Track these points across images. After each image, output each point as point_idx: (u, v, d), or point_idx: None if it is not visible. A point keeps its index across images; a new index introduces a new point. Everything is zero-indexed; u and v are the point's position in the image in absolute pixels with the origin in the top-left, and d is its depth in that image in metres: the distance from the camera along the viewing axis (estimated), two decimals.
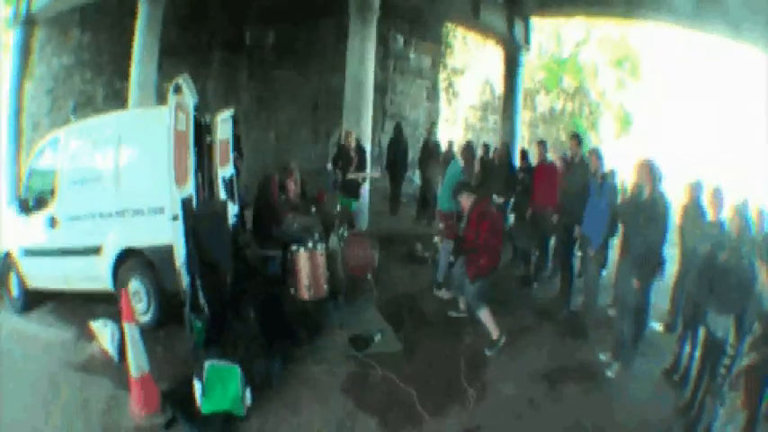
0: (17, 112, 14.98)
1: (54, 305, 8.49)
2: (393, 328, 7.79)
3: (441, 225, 9.55)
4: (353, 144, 11.01)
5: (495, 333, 7.50)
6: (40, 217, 8.07)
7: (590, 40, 24.74)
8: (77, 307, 8.28)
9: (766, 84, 12.63)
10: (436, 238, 9.50)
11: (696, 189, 7.77)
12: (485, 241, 7.34)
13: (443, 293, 9.17)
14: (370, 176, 11.53)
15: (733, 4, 11.38)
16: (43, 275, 8.29)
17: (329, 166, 11.19)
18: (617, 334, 7.17)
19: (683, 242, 7.84)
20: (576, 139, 9.46)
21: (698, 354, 6.34)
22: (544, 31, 23.05)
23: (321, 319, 7.83)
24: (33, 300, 8.54)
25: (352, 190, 10.86)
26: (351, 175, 10.69)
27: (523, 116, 20.34)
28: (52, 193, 8.01)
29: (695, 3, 12.47)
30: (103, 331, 6.96)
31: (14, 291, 8.64)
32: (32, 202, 8.29)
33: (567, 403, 6.37)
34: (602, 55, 24.98)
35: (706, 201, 7.44)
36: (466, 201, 7.71)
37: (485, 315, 7.52)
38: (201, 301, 6.89)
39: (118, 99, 14.22)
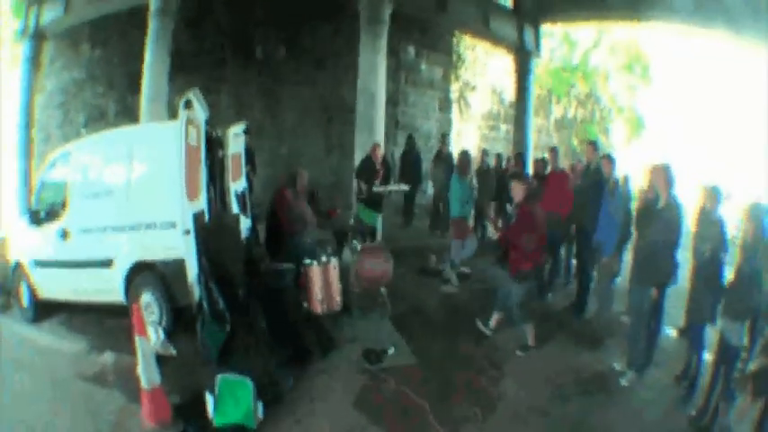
0: (27, 124, 15.10)
1: (65, 316, 8.52)
2: (407, 342, 7.77)
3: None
4: (380, 158, 10.91)
5: (531, 341, 7.67)
6: (51, 229, 8.14)
7: (600, 44, 24.68)
8: (89, 319, 8.33)
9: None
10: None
11: (707, 193, 7.72)
12: (528, 240, 7.37)
13: (449, 288, 9.28)
14: (398, 190, 11.46)
15: (733, 3, 11.36)
16: (54, 287, 8.34)
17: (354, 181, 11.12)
18: (630, 342, 7.10)
19: (697, 248, 7.76)
20: (593, 145, 9.46)
21: (710, 359, 6.29)
22: (554, 37, 23.00)
23: (334, 332, 7.82)
24: (44, 310, 8.59)
25: (376, 203, 10.75)
26: (376, 189, 10.56)
27: (535, 123, 20.25)
28: (64, 205, 8.08)
29: (696, 2, 12.46)
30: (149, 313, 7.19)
31: (25, 301, 8.68)
32: (44, 213, 8.39)
33: (582, 413, 6.31)
34: (612, 60, 24.92)
35: (705, 199, 7.43)
36: (517, 191, 7.66)
37: (529, 329, 7.70)
38: (222, 308, 6.88)
39: (129, 114, 14.26)
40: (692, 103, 24.88)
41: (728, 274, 6.12)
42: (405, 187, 11.80)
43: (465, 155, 10.29)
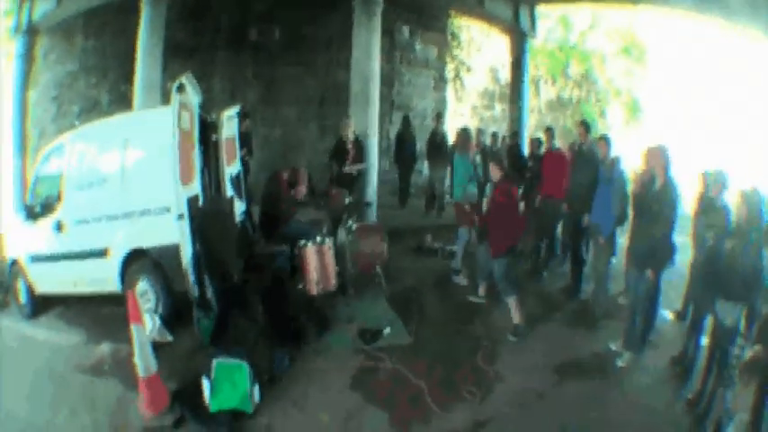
0: (22, 120, 15.00)
1: (62, 309, 8.55)
2: (403, 321, 7.78)
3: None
4: (351, 136, 10.80)
5: (516, 318, 7.61)
6: (46, 222, 8.15)
7: (597, 26, 24.57)
8: (85, 310, 8.35)
9: None
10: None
11: (707, 178, 7.71)
12: (503, 218, 7.49)
13: (461, 279, 9.26)
14: (359, 169, 11.29)
15: None
16: (51, 280, 8.36)
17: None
18: (627, 323, 7.10)
19: (696, 232, 7.76)
20: (584, 126, 9.41)
21: (706, 343, 6.30)
22: (550, 17, 22.88)
23: (330, 313, 7.84)
24: (41, 305, 8.61)
25: (345, 183, 10.59)
26: (346, 169, 10.57)
27: (531, 103, 20.21)
28: (58, 197, 8.08)
29: None
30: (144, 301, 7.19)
31: (23, 297, 8.71)
32: (39, 208, 8.39)
33: (577, 394, 6.32)
34: (609, 42, 24.82)
35: (711, 185, 7.41)
36: (494, 172, 7.81)
37: (512, 301, 7.63)
38: (210, 297, 6.88)
39: (123, 102, 14.13)
40: (689, 86, 24.83)
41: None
42: (363, 166, 11.68)
43: (465, 132, 10.21)
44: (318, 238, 8.03)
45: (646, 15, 21.03)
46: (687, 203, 7.66)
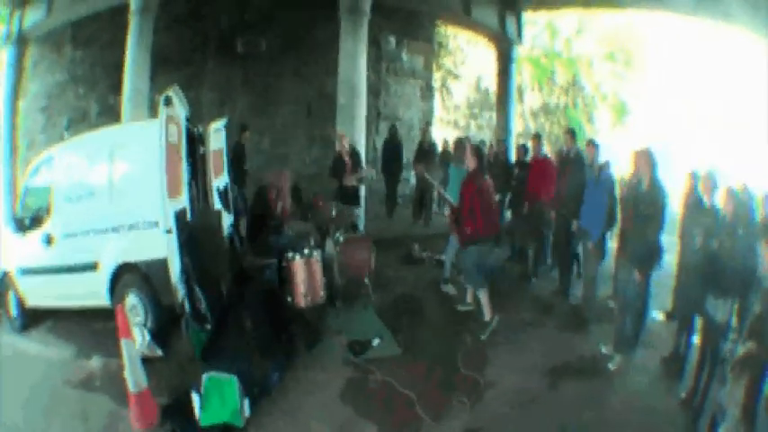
0: (11, 131, 14.94)
1: (53, 323, 8.48)
2: (392, 332, 7.76)
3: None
4: (347, 147, 10.69)
5: (488, 314, 7.69)
6: (36, 235, 8.10)
7: (583, 31, 24.68)
8: (76, 324, 8.29)
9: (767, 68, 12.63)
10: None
11: (695, 178, 7.74)
12: (471, 206, 7.52)
13: (450, 288, 9.26)
14: (365, 177, 11.29)
15: None
16: (41, 294, 8.30)
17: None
18: (617, 326, 7.15)
19: (684, 232, 7.79)
20: (571, 133, 9.50)
21: (697, 341, 6.34)
22: (537, 24, 22.96)
23: (319, 325, 7.82)
24: (32, 319, 8.55)
25: (350, 198, 10.55)
26: (347, 181, 10.49)
27: (518, 110, 20.26)
28: (48, 210, 8.05)
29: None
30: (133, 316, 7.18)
31: (13, 311, 8.64)
32: (28, 220, 8.36)
33: (570, 398, 6.32)
34: (595, 47, 24.92)
35: (701, 187, 7.45)
36: (470, 162, 7.83)
37: (482, 294, 7.72)
38: (204, 310, 6.85)
39: (112, 114, 14.14)
40: (676, 88, 24.95)
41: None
42: (372, 171, 11.67)
43: (461, 142, 10.24)
44: (306, 251, 8.03)
45: (632, 18, 21.17)
46: (675, 204, 7.69)
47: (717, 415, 5.23)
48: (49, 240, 7.95)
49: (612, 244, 8.54)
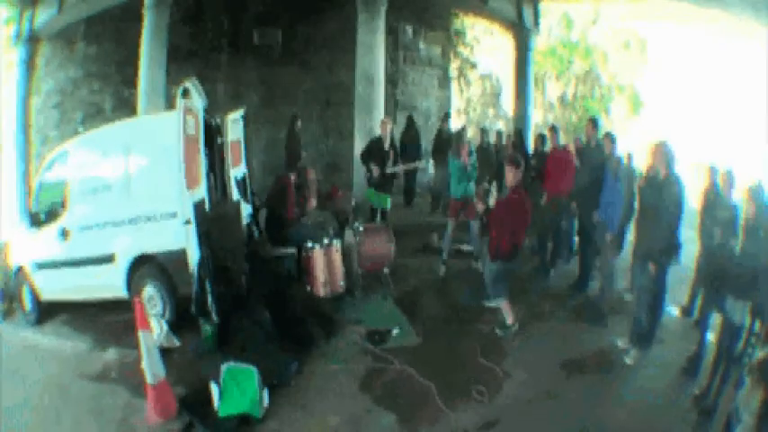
0: (25, 128, 15.00)
1: (67, 316, 8.55)
2: (410, 322, 7.77)
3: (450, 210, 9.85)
4: (389, 133, 10.38)
5: (510, 319, 7.57)
6: (51, 229, 8.17)
7: (599, 22, 24.52)
8: (91, 317, 8.35)
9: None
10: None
11: (714, 173, 7.72)
12: (513, 228, 7.36)
13: (442, 270, 9.40)
14: (414, 168, 11.34)
15: None
16: (57, 287, 8.36)
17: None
18: (634, 319, 7.08)
19: (703, 226, 7.76)
20: (592, 123, 9.41)
21: (713, 339, 6.29)
22: (552, 14, 22.81)
23: (337, 315, 7.85)
24: (47, 312, 8.62)
25: (386, 186, 10.41)
26: (390, 170, 10.30)
27: (536, 101, 20.14)
28: (63, 204, 8.10)
29: None
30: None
31: (28, 305, 8.72)
32: (43, 215, 8.42)
33: (585, 391, 6.30)
34: (611, 37, 24.76)
35: (720, 184, 7.41)
36: (510, 176, 7.51)
37: (503, 304, 7.60)
38: (210, 304, 6.88)
39: (126, 107, 14.23)
40: (690, 81, 24.74)
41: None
42: (418, 164, 11.70)
43: (458, 135, 10.24)
44: (325, 240, 8.06)
45: (646, 8, 20.99)
46: (694, 198, 7.65)
47: (732, 418, 5.23)
48: (64, 234, 8.00)
49: (631, 237, 8.49)
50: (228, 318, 7.06)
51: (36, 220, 8.48)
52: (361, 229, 8.85)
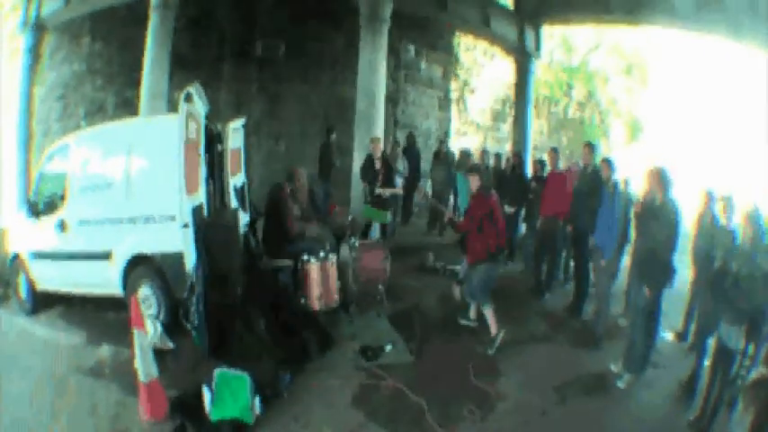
0: (27, 117, 15.01)
1: (63, 309, 8.59)
2: (404, 339, 7.74)
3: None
4: (379, 154, 10.58)
5: (493, 329, 7.63)
6: (49, 221, 8.21)
7: (600, 47, 24.71)
8: (87, 311, 8.41)
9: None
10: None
11: (710, 197, 7.74)
12: (479, 225, 7.52)
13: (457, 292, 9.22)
14: (392, 194, 11.16)
15: (733, 4, 11.42)
16: (53, 278, 8.42)
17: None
18: (628, 343, 7.10)
19: (697, 251, 7.78)
20: (589, 147, 9.45)
21: (708, 363, 6.28)
22: (553, 38, 22.97)
23: (332, 329, 7.82)
24: (42, 302, 8.66)
25: (382, 202, 10.48)
26: (378, 191, 10.36)
27: (534, 124, 20.24)
28: (62, 197, 8.15)
29: (696, 4, 12.51)
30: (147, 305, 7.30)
31: (23, 293, 8.78)
32: (42, 205, 8.49)
33: (578, 414, 6.31)
34: (612, 62, 24.94)
35: (718, 209, 7.43)
36: (473, 182, 7.81)
37: (488, 311, 7.67)
38: (193, 309, 6.84)
39: (128, 107, 14.24)
40: (690, 105, 24.93)
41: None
42: (398, 191, 11.71)
43: (465, 153, 10.33)
44: (322, 254, 8.05)
45: (647, 34, 21.17)
46: (688, 222, 7.67)
47: None
48: (62, 226, 8.04)
49: (626, 262, 8.50)
50: (223, 324, 7.05)
51: (35, 210, 8.54)
52: (357, 244, 8.85)
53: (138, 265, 7.59)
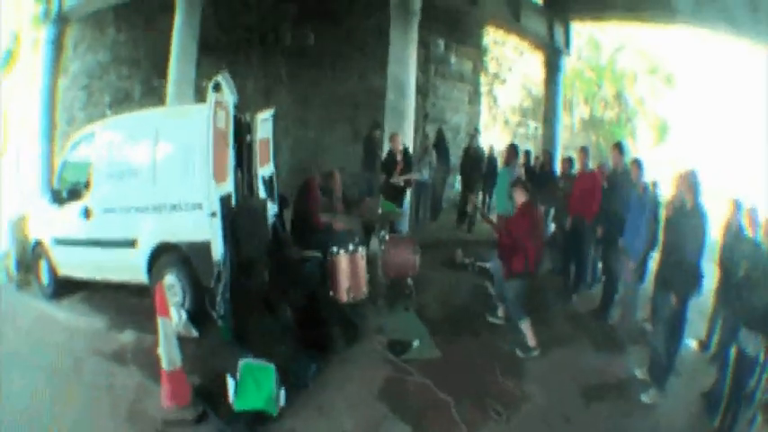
0: (50, 106, 15.01)
1: (85, 294, 8.67)
2: (432, 335, 7.72)
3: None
4: (400, 147, 10.78)
5: (532, 342, 7.52)
6: (73, 208, 8.25)
7: (627, 47, 24.50)
8: (110, 298, 8.46)
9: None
10: None
11: (737, 206, 7.65)
12: (520, 240, 7.37)
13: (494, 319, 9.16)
14: (412, 178, 11.27)
15: (733, 2, 11.32)
16: (75, 264, 8.49)
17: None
18: (652, 350, 7.03)
19: (723, 259, 7.68)
20: (618, 148, 9.33)
21: (730, 372, 6.20)
22: (581, 36, 22.77)
23: (359, 322, 7.82)
24: (63, 288, 8.73)
25: (395, 196, 10.56)
26: (393, 181, 10.53)
27: (564, 122, 20.09)
28: (87, 185, 8.19)
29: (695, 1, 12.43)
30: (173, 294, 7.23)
31: (45, 278, 8.87)
32: (65, 193, 8.52)
33: (604, 419, 6.27)
34: (639, 62, 24.71)
35: (744, 219, 7.34)
36: (518, 197, 7.68)
37: (525, 326, 7.55)
38: (219, 298, 6.85)
39: (155, 96, 14.25)
40: (717, 107, 24.65)
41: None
42: (417, 175, 11.71)
43: (513, 147, 10.65)
44: (351, 246, 8.04)
45: (675, 35, 20.94)
46: (715, 228, 7.58)
47: None
48: (87, 214, 8.07)
49: (654, 265, 8.42)
50: (249, 314, 7.07)
51: (58, 198, 8.56)
52: (386, 237, 8.82)
53: (164, 253, 7.60)
